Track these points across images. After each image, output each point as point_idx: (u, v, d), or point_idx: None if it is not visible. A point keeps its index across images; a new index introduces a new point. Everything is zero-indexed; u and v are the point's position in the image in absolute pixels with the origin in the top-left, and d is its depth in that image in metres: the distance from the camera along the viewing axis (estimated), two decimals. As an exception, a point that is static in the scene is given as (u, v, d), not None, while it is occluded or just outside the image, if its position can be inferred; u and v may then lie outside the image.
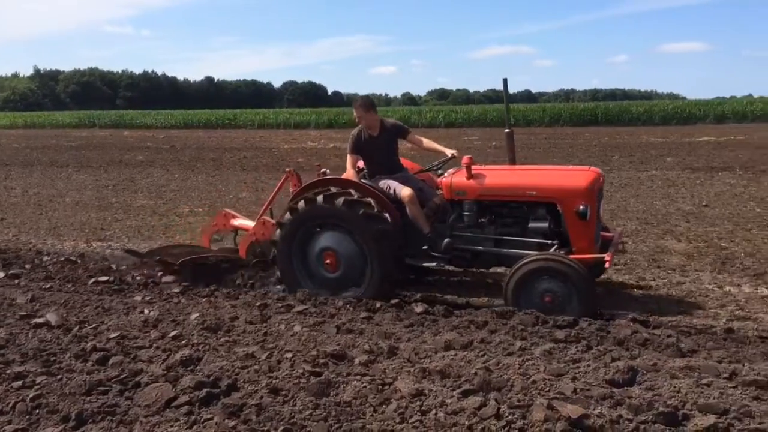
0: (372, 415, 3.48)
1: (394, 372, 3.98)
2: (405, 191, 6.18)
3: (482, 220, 6.20)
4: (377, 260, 5.94)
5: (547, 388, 3.66)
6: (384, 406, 3.54)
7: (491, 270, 6.39)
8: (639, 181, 15.25)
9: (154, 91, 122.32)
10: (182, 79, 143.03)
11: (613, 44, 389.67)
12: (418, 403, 3.53)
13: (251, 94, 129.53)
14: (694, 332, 4.86)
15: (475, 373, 3.84)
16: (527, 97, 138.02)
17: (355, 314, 5.38)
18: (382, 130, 6.61)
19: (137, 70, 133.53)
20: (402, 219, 6.16)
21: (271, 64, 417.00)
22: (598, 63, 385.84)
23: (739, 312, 5.74)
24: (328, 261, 6.19)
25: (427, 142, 6.78)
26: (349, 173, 6.39)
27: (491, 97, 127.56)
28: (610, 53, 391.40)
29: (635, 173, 16.78)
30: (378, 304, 5.63)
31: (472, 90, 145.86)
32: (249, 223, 7.38)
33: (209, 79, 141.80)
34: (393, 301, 5.71)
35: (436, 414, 3.43)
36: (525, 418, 3.33)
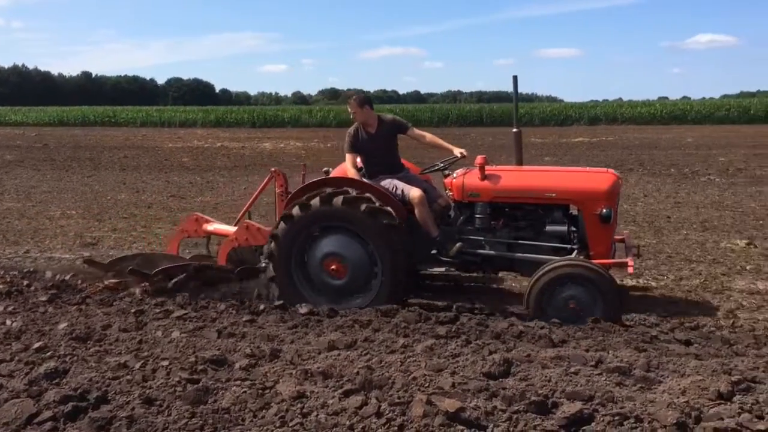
0: (251, 421, 3.40)
1: (275, 375, 3.91)
2: (414, 192, 5.83)
3: (495, 223, 5.92)
4: (387, 260, 5.56)
5: (427, 384, 3.72)
6: (264, 411, 3.47)
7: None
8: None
9: (26, 87, 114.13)
10: (57, 73, 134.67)
11: (498, 48, 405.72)
12: (299, 405, 3.48)
13: (133, 91, 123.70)
14: (564, 323, 5.09)
15: (357, 373, 3.83)
16: (416, 97, 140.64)
17: (238, 318, 5.25)
18: (380, 126, 6.25)
19: (6, 64, 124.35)
20: (408, 222, 5.81)
21: (154, 60, 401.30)
22: (484, 66, 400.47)
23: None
24: (333, 267, 5.74)
25: (430, 137, 6.40)
26: (351, 173, 6.03)
27: (381, 97, 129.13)
28: (494, 56, 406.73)
29: (516, 172, 17.49)
30: (262, 307, 5.53)
31: (363, 90, 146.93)
32: (227, 228, 6.90)
33: (86, 74, 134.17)
34: (277, 303, 5.61)
35: (317, 416, 3.40)
36: (405, 414, 3.37)
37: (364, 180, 5.97)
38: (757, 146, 25.48)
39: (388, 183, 6.01)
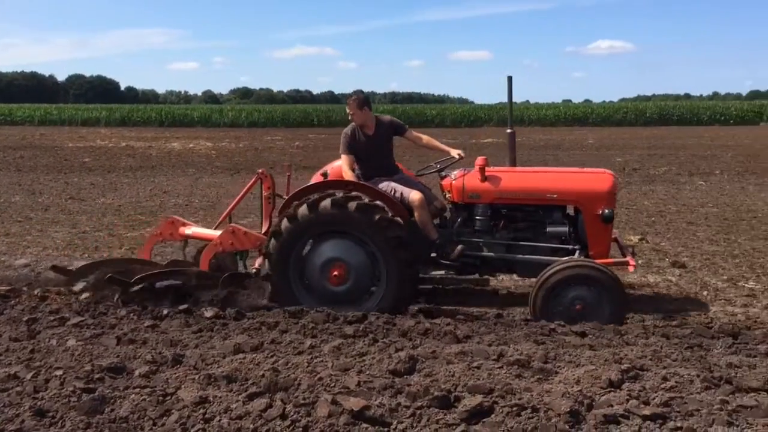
0: (151, 429, 3.30)
1: (177, 381, 3.80)
2: (414, 194, 5.73)
3: (495, 224, 5.89)
4: (394, 270, 5.44)
5: (333, 384, 3.73)
6: (165, 418, 3.37)
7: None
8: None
9: None
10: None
11: (410, 50, 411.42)
12: (201, 411, 3.41)
13: (31, 88, 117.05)
14: (469, 319, 5.23)
15: (263, 375, 3.80)
16: (330, 98, 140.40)
17: (139, 323, 5.07)
18: (377, 128, 6.13)
19: None
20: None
21: (55, 56, 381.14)
22: (397, 67, 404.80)
23: (510, 299, 6.29)
24: (335, 273, 5.55)
25: (427, 139, 6.37)
26: (348, 175, 5.86)
27: (295, 97, 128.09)
28: (407, 58, 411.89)
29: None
30: (165, 311, 5.36)
31: (276, 89, 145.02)
32: (208, 232, 6.57)
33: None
34: (182, 307, 5.46)
35: (219, 420, 3.34)
36: (310, 415, 3.36)
37: (368, 184, 5.79)
38: (652, 147, 27.02)
39: (386, 186, 5.89)
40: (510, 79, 6.13)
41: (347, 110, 6.14)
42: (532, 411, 3.34)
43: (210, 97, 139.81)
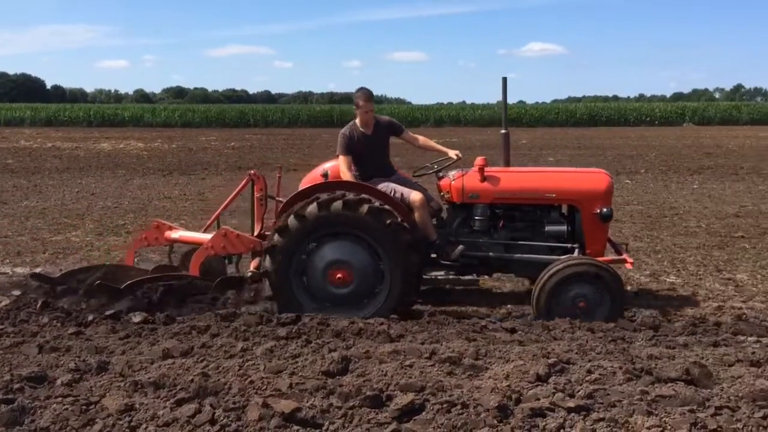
0: (74, 439, 3.20)
1: (102, 389, 3.69)
2: (415, 195, 5.71)
3: (494, 224, 5.93)
4: (400, 272, 5.37)
5: (265, 387, 3.69)
6: (88, 428, 3.27)
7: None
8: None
9: None
10: None
11: (347, 50, 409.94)
12: (126, 419, 3.32)
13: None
14: (403, 318, 5.26)
15: (192, 380, 3.72)
16: (267, 97, 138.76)
17: (63, 330, 4.89)
18: (376, 128, 6.08)
19: None
20: None
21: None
22: (334, 67, 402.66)
23: (445, 298, 6.37)
24: (339, 276, 5.44)
25: (423, 140, 6.37)
26: (346, 176, 5.76)
27: (231, 96, 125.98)
28: (344, 58, 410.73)
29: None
30: (90, 317, 5.19)
31: (210, 89, 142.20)
32: (196, 236, 6.35)
33: None
34: (108, 313, 5.29)
35: (146, 428, 3.26)
36: (240, 419, 3.32)
37: (373, 186, 5.71)
38: (581, 147, 27.85)
39: (385, 186, 5.81)
40: (505, 80, 6.19)
41: (358, 103, 6.00)
42: (462, 407, 3.39)
43: (142, 96, 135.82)
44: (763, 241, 9.10)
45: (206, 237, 6.15)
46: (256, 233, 6.18)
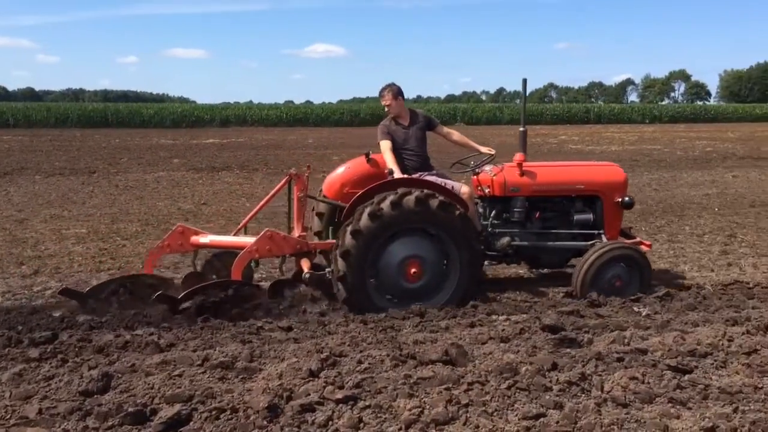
0: None
1: None
2: (465, 188, 6.07)
3: (530, 215, 6.38)
4: (469, 263, 5.61)
5: (9, 416, 3.32)
6: None
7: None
8: (145, 182, 15.36)
9: None
10: None
11: (122, 45, 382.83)
12: None
13: None
14: (175, 327, 5.03)
15: None
16: (31, 95, 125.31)
17: None
18: (412, 119, 6.40)
19: None
20: None
21: None
22: (108, 63, 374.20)
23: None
24: (413, 270, 5.54)
25: (458, 135, 6.74)
26: (388, 157, 6.09)
27: (1, 93, 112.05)
28: (119, 54, 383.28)
29: (142, 175, 16.86)
30: None
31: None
32: (232, 240, 6.06)
33: None
34: None
35: None
36: (-25, 457, 2.94)
37: (429, 180, 5.90)
38: (363, 146, 28.81)
39: (436, 180, 6.00)
40: (525, 81, 6.88)
41: (382, 102, 6.37)
42: (231, 412, 3.32)
43: None
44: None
45: (244, 240, 5.95)
46: (297, 234, 6.01)
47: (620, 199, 6.44)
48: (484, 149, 6.58)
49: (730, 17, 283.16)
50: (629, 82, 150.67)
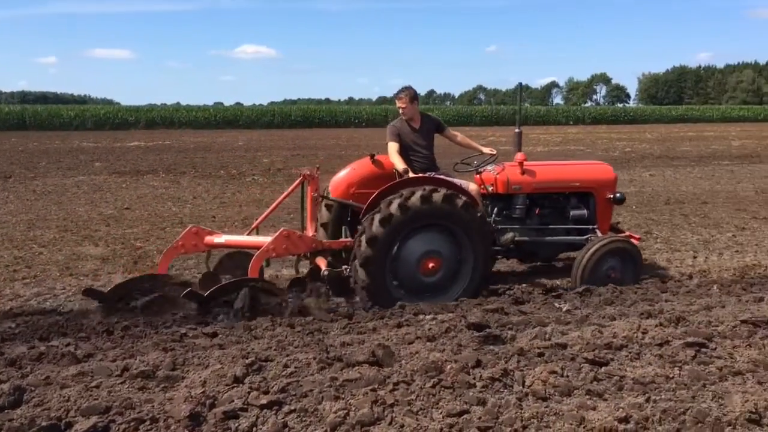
0: None
1: None
2: (473, 186, 6.33)
3: (530, 212, 6.69)
4: (483, 258, 5.89)
5: None
6: None
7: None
8: (65, 187, 14.79)
9: None
10: None
11: (39, 45, 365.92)
12: None
13: None
14: (91, 337, 4.86)
15: None
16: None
17: None
18: (423, 123, 6.59)
19: None
20: None
21: None
22: (26, 63, 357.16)
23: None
24: (431, 265, 5.81)
25: (462, 137, 6.94)
26: (396, 159, 6.26)
27: None
28: (36, 54, 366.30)
29: (62, 179, 16.23)
30: None
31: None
32: (248, 239, 6.21)
33: None
34: None
35: None
36: None
37: (446, 179, 6.10)
38: (295, 148, 28.74)
39: (450, 180, 6.18)
40: (520, 85, 7.48)
41: (398, 104, 6.53)
42: (151, 422, 3.23)
43: None
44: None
45: (259, 240, 6.08)
46: (311, 233, 6.16)
47: (611, 195, 6.88)
48: (486, 150, 6.89)
49: (648, 22, 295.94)
50: (554, 84, 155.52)
